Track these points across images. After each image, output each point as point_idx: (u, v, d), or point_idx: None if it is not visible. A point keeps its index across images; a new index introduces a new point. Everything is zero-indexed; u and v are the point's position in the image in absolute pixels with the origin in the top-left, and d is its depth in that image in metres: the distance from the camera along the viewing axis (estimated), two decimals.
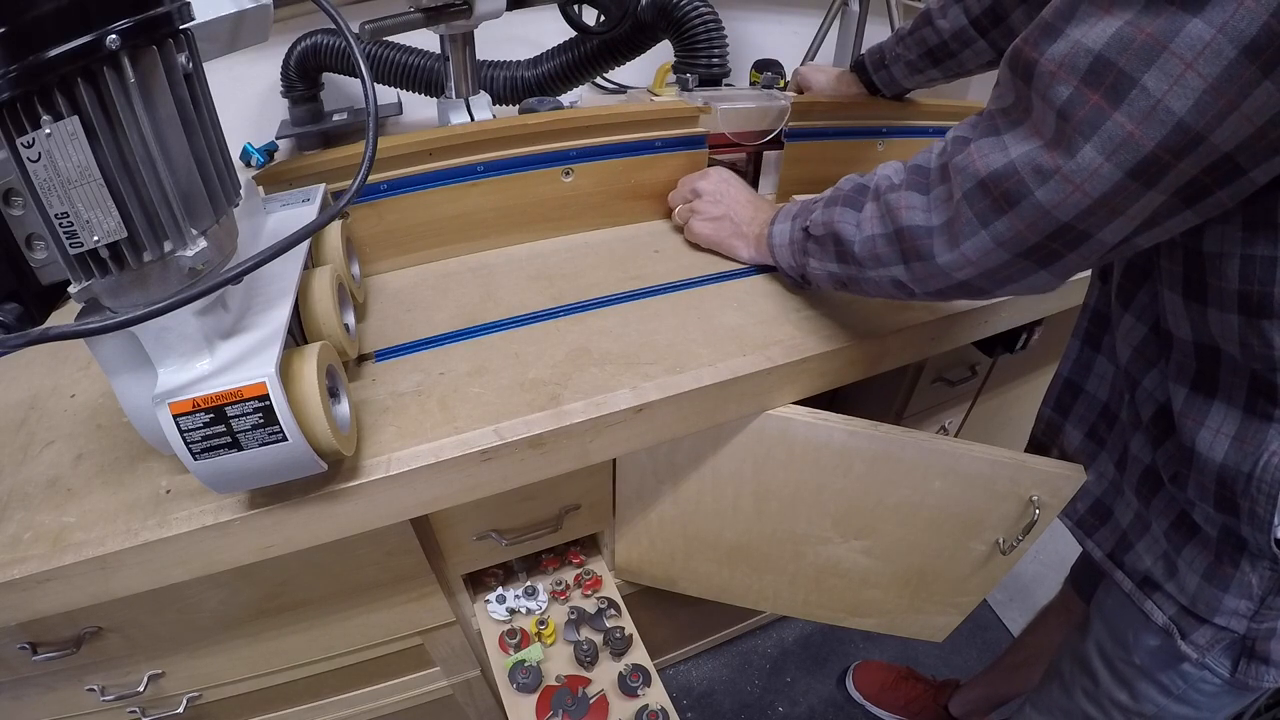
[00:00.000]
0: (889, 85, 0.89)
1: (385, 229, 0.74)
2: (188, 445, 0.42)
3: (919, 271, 0.50)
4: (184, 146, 0.39)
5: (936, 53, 0.80)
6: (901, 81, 0.87)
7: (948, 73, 0.82)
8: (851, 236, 0.55)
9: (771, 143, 0.88)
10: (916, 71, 0.84)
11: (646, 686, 0.74)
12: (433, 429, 0.56)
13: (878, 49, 0.88)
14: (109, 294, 0.40)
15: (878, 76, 0.89)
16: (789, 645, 1.38)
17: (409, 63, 1.00)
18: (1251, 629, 0.54)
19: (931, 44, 0.80)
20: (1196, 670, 0.59)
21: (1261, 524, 0.48)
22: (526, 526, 0.74)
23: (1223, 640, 0.56)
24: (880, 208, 0.52)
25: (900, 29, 0.84)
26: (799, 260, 0.65)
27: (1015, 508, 0.71)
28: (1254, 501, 0.48)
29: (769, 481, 0.73)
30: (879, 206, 0.52)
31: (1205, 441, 0.50)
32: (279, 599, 0.66)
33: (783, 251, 0.68)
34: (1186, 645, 0.58)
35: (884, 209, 0.52)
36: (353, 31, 0.46)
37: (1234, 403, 0.48)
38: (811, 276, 0.64)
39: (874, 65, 0.88)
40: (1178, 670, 0.60)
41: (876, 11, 1.19)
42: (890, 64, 0.86)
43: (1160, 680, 0.62)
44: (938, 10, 0.78)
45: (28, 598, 0.49)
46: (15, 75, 0.31)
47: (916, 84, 0.87)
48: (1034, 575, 1.50)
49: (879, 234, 0.52)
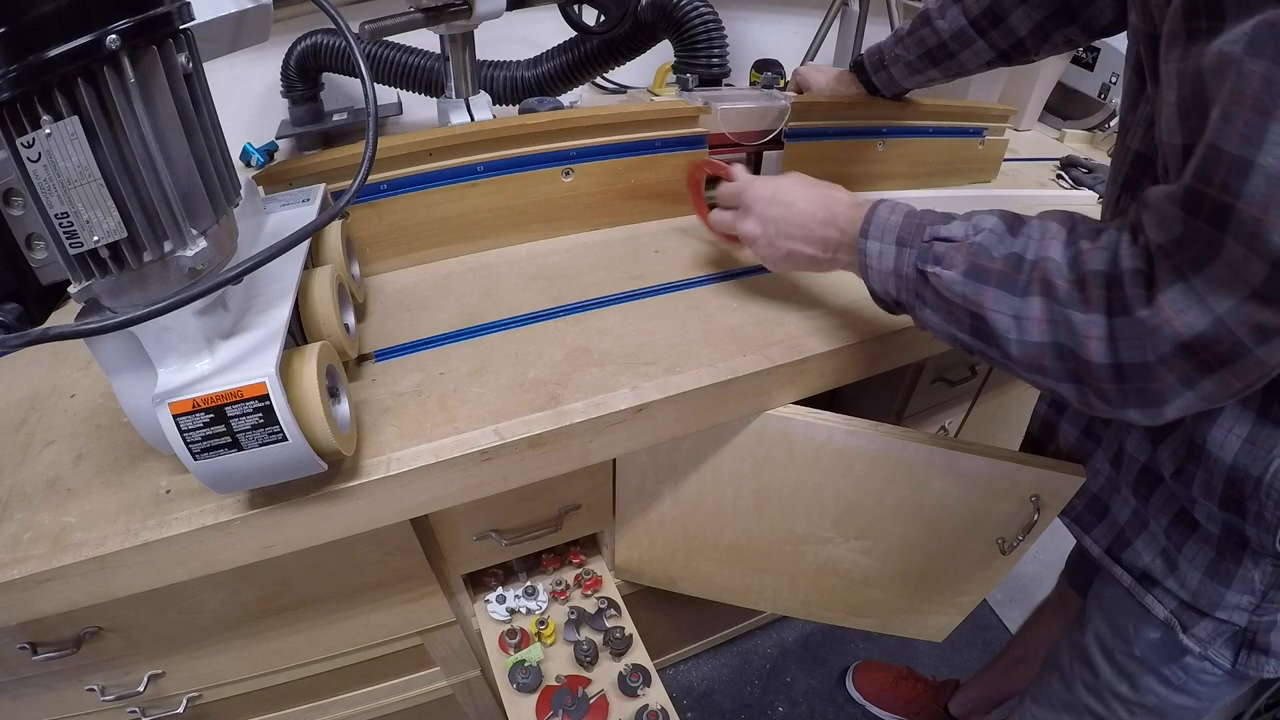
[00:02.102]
0: (888, 86, 0.88)
1: (385, 229, 0.74)
2: (188, 445, 0.42)
3: (1094, 401, 0.43)
4: (184, 146, 0.39)
5: (935, 53, 0.80)
6: (901, 82, 0.87)
7: (947, 73, 0.82)
8: (1007, 332, 0.44)
9: (771, 143, 0.88)
10: (916, 72, 0.84)
11: (646, 686, 0.74)
12: (433, 429, 0.56)
13: (876, 49, 0.88)
14: (109, 294, 0.40)
15: (877, 77, 0.88)
16: (789, 645, 1.38)
17: (409, 63, 1.00)
18: (1253, 622, 0.55)
19: (930, 45, 0.79)
20: (1198, 662, 0.59)
21: (1268, 526, 0.49)
22: (526, 526, 0.74)
23: (1224, 633, 0.57)
24: (1054, 314, 0.42)
25: (899, 29, 0.84)
26: (905, 299, 0.53)
27: (1015, 508, 0.71)
28: (1262, 505, 0.48)
29: (769, 481, 0.73)
30: (1051, 311, 0.42)
31: (1216, 441, 0.49)
32: (279, 599, 0.66)
33: (880, 277, 0.54)
34: (1188, 639, 0.58)
35: (1061, 321, 0.42)
36: (353, 31, 0.46)
37: (1248, 405, 0.48)
38: (922, 321, 0.53)
39: (873, 66, 0.88)
40: (1179, 662, 0.60)
41: (876, 11, 1.19)
42: (889, 64, 0.85)
43: (1161, 672, 0.62)
44: (936, 11, 0.78)
45: (28, 598, 0.49)
46: (15, 75, 0.31)
47: (916, 84, 0.87)
48: (1034, 575, 1.50)
49: (1048, 344, 0.43)
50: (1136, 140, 0.52)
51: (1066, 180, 1.10)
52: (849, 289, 0.75)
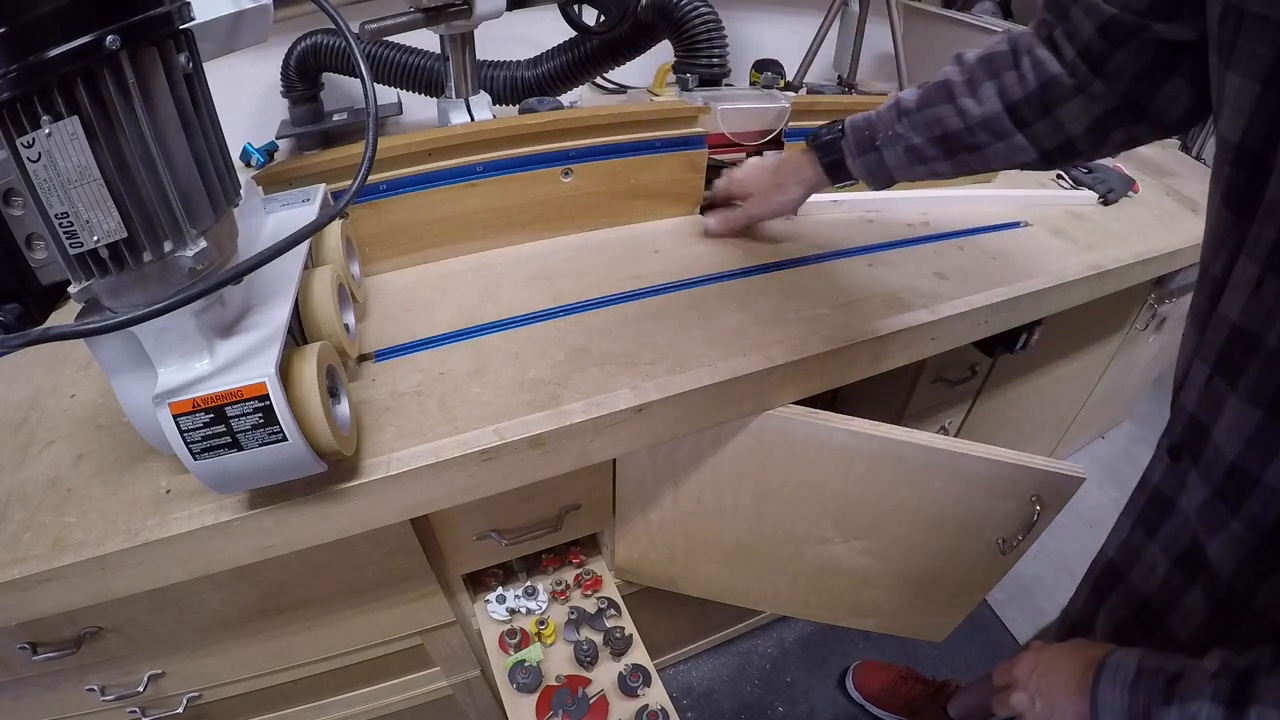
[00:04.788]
0: (874, 173, 0.67)
1: (385, 229, 0.74)
2: (188, 445, 0.42)
3: None
4: (184, 147, 0.39)
5: (953, 141, 0.61)
6: (894, 171, 0.66)
7: (960, 168, 0.63)
8: None
9: (771, 143, 0.88)
10: (919, 161, 0.64)
11: (646, 686, 0.74)
12: (433, 429, 0.56)
13: (865, 122, 0.67)
14: (109, 294, 0.40)
15: (862, 161, 0.67)
16: (789, 645, 1.38)
17: (409, 63, 1.00)
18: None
19: (950, 129, 0.61)
20: None
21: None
22: (526, 526, 0.74)
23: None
24: None
25: (902, 99, 0.64)
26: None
27: (1015, 508, 0.71)
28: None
29: (769, 481, 0.73)
30: None
31: None
32: (279, 599, 0.66)
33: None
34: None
35: None
36: (353, 31, 0.46)
37: None
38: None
39: (859, 145, 0.67)
40: None
41: (876, 11, 1.19)
42: (884, 146, 0.65)
43: None
44: (963, 85, 0.59)
45: (28, 598, 0.49)
46: (15, 75, 0.31)
47: (914, 176, 0.66)
48: (1034, 575, 1.50)
49: None
50: (1235, 309, 0.39)
51: (1066, 180, 1.10)
52: (849, 289, 0.75)
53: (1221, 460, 0.41)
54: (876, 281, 0.77)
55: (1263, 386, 0.38)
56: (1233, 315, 0.39)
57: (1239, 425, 0.39)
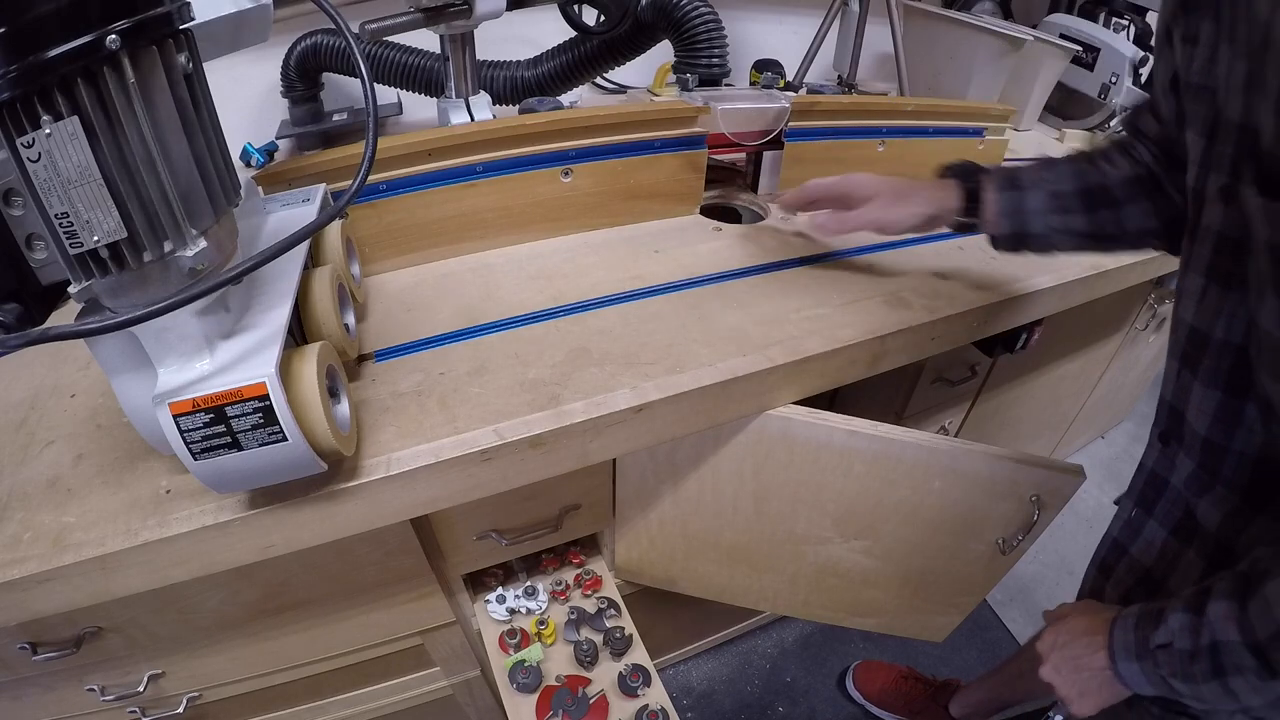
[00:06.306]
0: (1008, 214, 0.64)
1: (385, 229, 0.74)
2: (188, 445, 0.42)
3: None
4: (184, 146, 0.39)
5: (1096, 196, 0.61)
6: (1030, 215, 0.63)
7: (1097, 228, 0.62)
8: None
9: (771, 143, 0.88)
10: (1061, 210, 0.62)
11: (646, 686, 0.74)
12: (433, 429, 0.56)
13: (1002, 169, 0.66)
14: (109, 294, 0.40)
15: (1003, 197, 0.64)
16: (789, 645, 1.38)
17: (409, 63, 1.00)
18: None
19: (1090, 183, 0.61)
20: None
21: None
22: (526, 526, 0.74)
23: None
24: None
25: (1046, 155, 0.66)
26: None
27: (1015, 508, 0.71)
28: None
29: (769, 481, 0.73)
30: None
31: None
32: (279, 599, 0.66)
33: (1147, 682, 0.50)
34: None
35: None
36: (353, 31, 0.46)
37: None
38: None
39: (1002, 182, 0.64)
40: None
41: (876, 11, 1.19)
42: (1029, 186, 0.63)
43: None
44: (1101, 154, 0.61)
45: (28, 598, 0.49)
46: (15, 75, 0.31)
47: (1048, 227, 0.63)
48: (1034, 575, 1.50)
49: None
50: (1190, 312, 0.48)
51: None
52: (849, 289, 0.75)
53: (1196, 437, 0.49)
54: (876, 281, 0.77)
55: (1216, 372, 0.46)
56: (1188, 318, 0.48)
57: (1204, 406, 0.48)
